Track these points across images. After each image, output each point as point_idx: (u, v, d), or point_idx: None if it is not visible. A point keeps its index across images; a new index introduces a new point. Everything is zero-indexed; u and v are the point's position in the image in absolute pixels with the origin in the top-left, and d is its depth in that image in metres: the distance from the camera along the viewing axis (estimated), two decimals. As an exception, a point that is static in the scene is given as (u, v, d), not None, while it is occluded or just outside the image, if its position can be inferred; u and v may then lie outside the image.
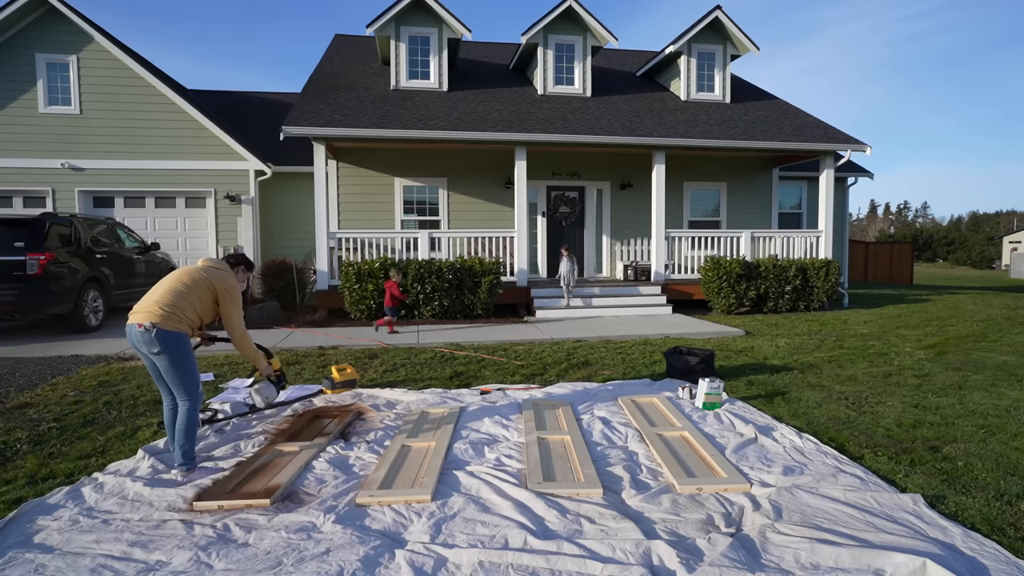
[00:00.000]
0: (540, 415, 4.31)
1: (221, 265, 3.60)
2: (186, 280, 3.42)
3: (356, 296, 9.00)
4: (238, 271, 3.72)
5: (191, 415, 3.36)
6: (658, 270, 10.72)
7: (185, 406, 3.35)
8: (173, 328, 3.25)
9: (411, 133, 9.50)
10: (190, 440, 3.36)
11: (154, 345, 3.21)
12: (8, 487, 3.18)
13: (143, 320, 3.22)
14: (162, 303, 3.28)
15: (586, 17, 11.53)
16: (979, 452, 3.61)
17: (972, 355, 6.65)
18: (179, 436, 3.34)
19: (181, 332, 3.30)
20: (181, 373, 3.30)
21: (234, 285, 3.56)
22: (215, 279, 3.48)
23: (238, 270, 3.73)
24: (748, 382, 5.44)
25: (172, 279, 3.44)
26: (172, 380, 3.30)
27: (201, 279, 3.44)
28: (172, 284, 3.40)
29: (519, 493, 2.99)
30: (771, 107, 12.64)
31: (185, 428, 3.34)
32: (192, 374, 3.35)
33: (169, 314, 3.25)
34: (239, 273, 3.72)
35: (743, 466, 3.40)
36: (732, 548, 2.43)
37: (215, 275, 3.50)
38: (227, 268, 3.61)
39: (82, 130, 11.74)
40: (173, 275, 3.50)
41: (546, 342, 7.44)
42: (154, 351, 3.24)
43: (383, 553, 2.44)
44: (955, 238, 60.20)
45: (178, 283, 3.40)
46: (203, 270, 3.50)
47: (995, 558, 2.39)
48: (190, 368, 3.34)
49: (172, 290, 3.35)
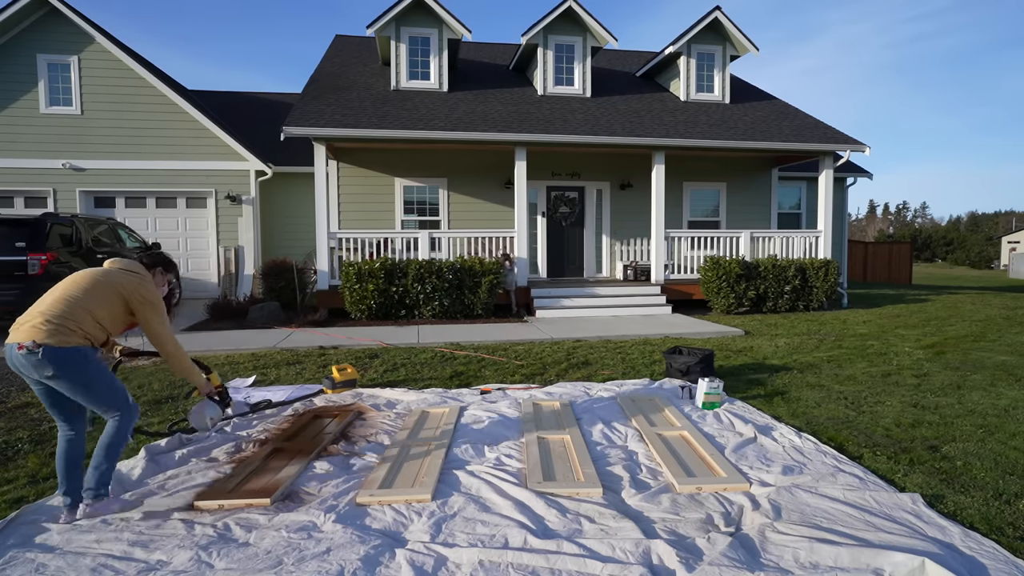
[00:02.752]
0: (540, 414, 4.32)
1: (132, 267, 3.00)
2: (84, 284, 2.79)
3: (356, 296, 9.01)
4: (155, 273, 3.11)
5: (121, 427, 2.81)
6: (658, 270, 10.73)
7: (115, 421, 2.80)
8: (64, 343, 2.62)
9: (411, 133, 9.51)
10: (110, 459, 2.80)
11: (45, 368, 2.58)
12: (9, 487, 3.19)
13: (24, 338, 2.58)
14: (49, 314, 2.65)
15: (586, 18, 11.55)
16: (978, 451, 3.62)
17: (971, 355, 6.66)
18: (99, 452, 2.78)
19: (78, 347, 2.67)
20: (96, 391, 2.72)
21: (150, 291, 2.95)
22: (125, 286, 2.87)
23: (155, 272, 3.11)
24: (747, 382, 5.44)
25: (67, 284, 2.81)
26: (88, 401, 2.73)
27: (105, 284, 2.84)
28: (65, 290, 2.76)
29: (519, 492, 3.00)
30: (770, 107, 12.65)
31: (109, 442, 2.78)
32: (111, 387, 2.79)
33: (58, 327, 2.62)
34: (157, 276, 3.12)
35: (742, 465, 3.41)
36: (731, 547, 2.44)
37: (124, 280, 2.89)
38: (141, 271, 3.00)
39: (83, 130, 11.75)
40: (69, 279, 2.85)
41: (546, 342, 7.46)
42: (47, 375, 2.61)
43: (383, 552, 2.45)
44: (954, 238, 60.20)
45: (73, 288, 2.77)
46: (108, 274, 2.90)
47: (994, 557, 2.39)
48: (103, 382, 2.75)
49: (64, 298, 2.72)
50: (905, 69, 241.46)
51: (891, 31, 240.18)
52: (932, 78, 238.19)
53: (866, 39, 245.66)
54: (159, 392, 5.05)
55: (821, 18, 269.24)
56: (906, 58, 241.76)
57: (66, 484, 2.80)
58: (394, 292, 9.08)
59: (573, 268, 12.49)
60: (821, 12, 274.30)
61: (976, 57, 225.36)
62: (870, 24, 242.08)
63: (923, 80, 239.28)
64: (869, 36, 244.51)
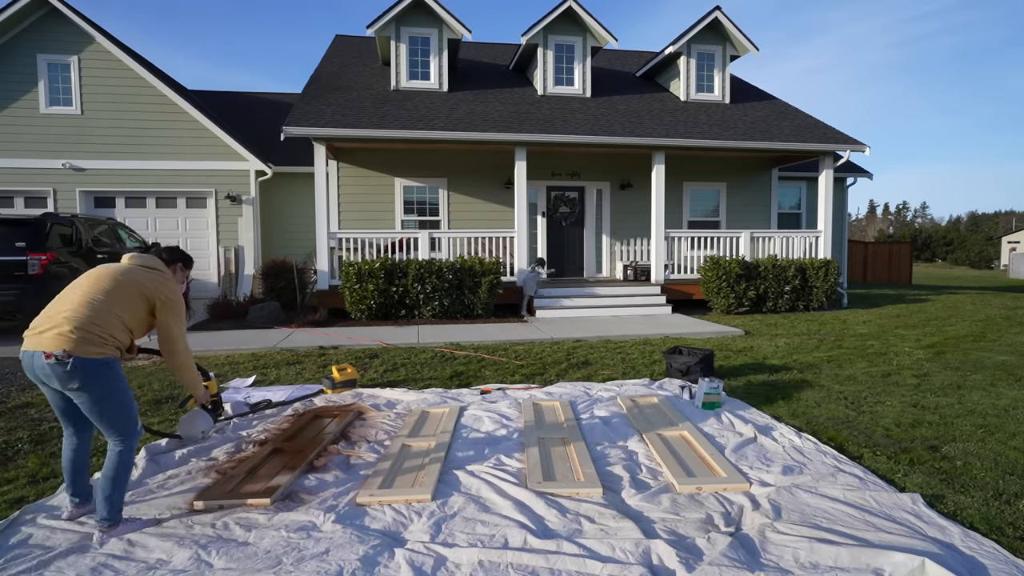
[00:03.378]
0: (540, 414, 4.32)
1: (153, 263, 2.78)
2: (106, 285, 2.55)
3: (357, 296, 9.01)
4: (176, 270, 2.91)
5: (124, 458, 2.57)
6: (658, 270, 10.73)
7: (118, 448, 2.57)
8: (96, 354, 2.42)
9: (411, 133, 9.51)
10: (119, 489, 2.58)
11: (72, 380, 2.38)
12: (9, 486, 3.19)
13: (52, 347, 2.37)
14: (77, 321, 2.42)
15: (586, 18, 11.55)
16: (978, 451, 3.62)
17: (971, 355, 6.66)
18: (105, 484, 2.56)
19: (108, 358, 2.47)
20: (112, 410, 2.50)
21: (173, 290, 2.73)
22: (150, 284, 2.65)
23: (175, 268, 2.91)
24: (747, 382, 5.44)
25: (87, 285, 2.56)
26: (100, 420, 2.51)
27: (127, 284, 2.60)
28: (87, 292, 2.52)
29: (519, 492, 3.00)
30: (770, 107, 12.65)
31: (114, 475, 2.56)
32: (127, 409, 2.56)
33: (88, 335, 2.41)
34: (177, 273, 2.92)
35: (742, 465, 3.41)
36: (731, 547, 2.44)
37: (149, 279, 2.67)
38: (162, 267, 2.80)
39: (83, 130, 11.76)
40: (87, 278, 2.60)
41: (546, 342, 7.45)
42: (72, 387, 2.41)
43: (382, 552, 2.45)
44: (954, 238, 60.20)
45: (95, 289, 2.53)
46: (129, 272, 2.66)
47: (994, 557, 2.39)
48: (122, 402, 2.53)
49: (88, 301, 2.49)
50: (910, 68, 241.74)
51: (896, 30, 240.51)
52: (937, 76, 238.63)
53: (870, 38, 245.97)
54: (159, 392, 5.05)
55: (823, 18, 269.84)
56: (911, 57, 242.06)
57: (73, 487, 2.75)
58: (394, 292, 9.08)
59: (573, 268, 12.50)
60: (823, 12, 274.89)
61: (981, 55, 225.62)
62: (874, 23, 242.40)
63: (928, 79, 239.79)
64: (873, 35, 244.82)
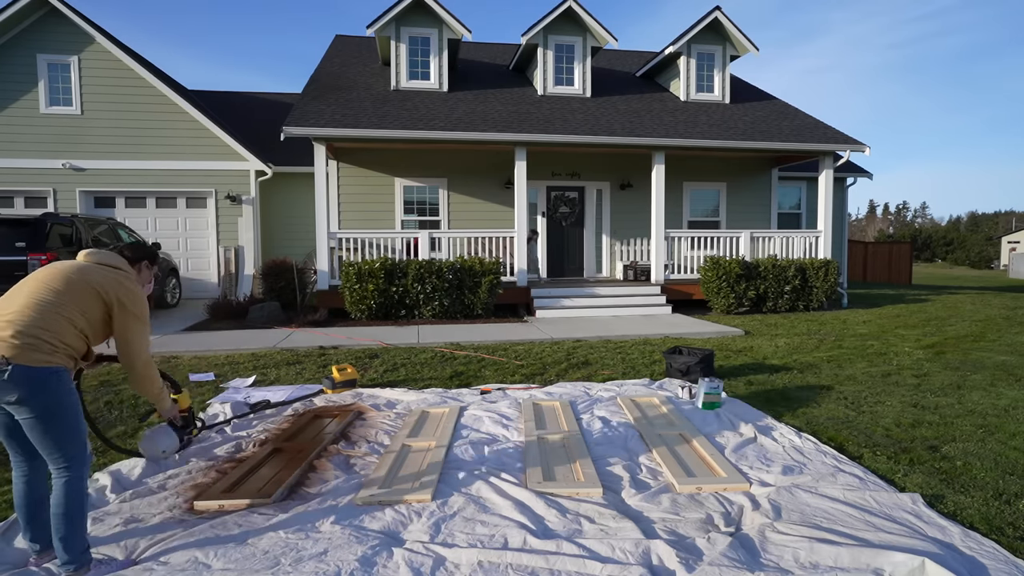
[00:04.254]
0: (540, 414, 4.32)
1: (111, 260, 2.41)
2: (58, 285, 2.20)
3: (357, 296, 9.01)
4: (140, 269, 2.55)
5: (74, 488, 2.17)
6: (658, 270, 10.72)
7: (64, 478, 2.16)
8: (42, 362, 2.07)
9: (411, 133, 9.51)
10: (75, 526, 2.18)
11: (10, 391, 2.02)
12: (9, 487, 3.18)
13: None
14: (21, 324, 2.08)
15: (586, 18, 11.54)
16: (978, 451, 3.62)
17: (971, 355, 6.66)
18: (58, 523, 2.16)
19: (57, 367, 2.12)
20: (56, 428, 2.11)
21: (133, 291, 2.36)
22: (106, 284, 2.29)
23: (140, 267, 2.55)
24: (747, 382, 5.44)
25: (33, 283, 2.21)
26: (43, 439, 2.11)
27: (81, 282, 2.25)
28: (35, 291, 2.17)
29: (519, 493, 3.00)
30: (770, 108, 12.65)
31: (66, 511, 2.15)
32: (76, 428, 2.18)
33: (33, 340, 2.07)
34: (143, 271, 2.56)
35: (742, 465, 3.41)
36: (731, 547, 2.44)
37: (106, 278, 2.31)
38: (122, 265, 2.43)
39: (83, 130, 11.75)
40: (34, 277, 2.25)
41: (546, 342, 7.45)
42: (9, 399, 2.04)
43: (381, 552, 2.44)
44: (954, 238, 60.21)
45: (43, 289, 2.18)
46: (82, 270, 2.29)
47: (994, 557, 2.39)
48: (72, 420, 2.16)
49: (36, 301, 2.14)
50: (910, 68, 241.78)
51: (895, 31, 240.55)
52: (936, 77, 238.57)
53: (871, 38, 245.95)
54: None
55: (823, 18, 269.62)
56: (911, 57, 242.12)
57: (31, 531, 2.30)
58: (394, 292, 9.07)
59: (573, 268, 12.50)
60: (823, 12, 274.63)
61: (981, 56, 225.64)
62: (875, 23, 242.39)
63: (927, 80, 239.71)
64: (874, 35, 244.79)
